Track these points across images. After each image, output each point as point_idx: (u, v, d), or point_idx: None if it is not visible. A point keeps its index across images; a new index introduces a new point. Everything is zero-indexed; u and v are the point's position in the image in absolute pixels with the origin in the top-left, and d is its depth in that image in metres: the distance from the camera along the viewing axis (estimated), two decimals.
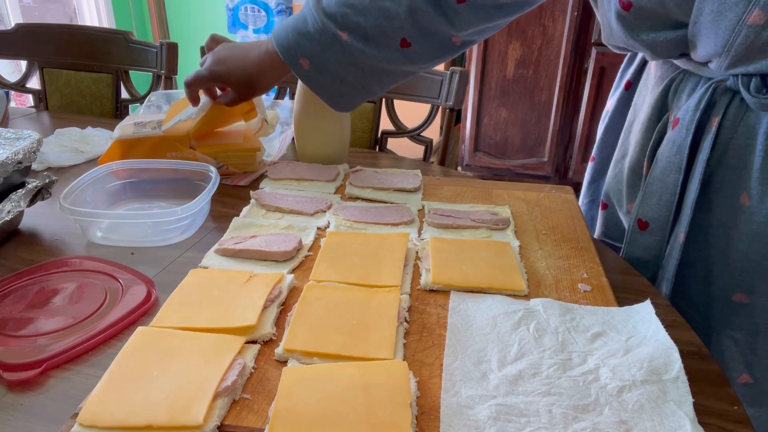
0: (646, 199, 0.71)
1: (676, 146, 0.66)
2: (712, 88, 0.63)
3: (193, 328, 0.55)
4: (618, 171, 0.80)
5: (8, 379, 0.51)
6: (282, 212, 0.81)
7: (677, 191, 0.67)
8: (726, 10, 0.56)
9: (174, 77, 1.47)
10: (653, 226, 0.71)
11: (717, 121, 0.63)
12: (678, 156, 0.66)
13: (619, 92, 0.83)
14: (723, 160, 0.65)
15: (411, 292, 0.64)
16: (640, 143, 0.74)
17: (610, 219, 0.83)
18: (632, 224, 0.73)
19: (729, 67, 0.60)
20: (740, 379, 0.70)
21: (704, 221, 0.68)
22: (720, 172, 0.65)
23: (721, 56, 0.59)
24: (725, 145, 0.64)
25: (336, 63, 0.75)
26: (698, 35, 0.60)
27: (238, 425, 0.46)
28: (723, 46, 0.58)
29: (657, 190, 0.69)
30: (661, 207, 0.69)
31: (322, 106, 0.96)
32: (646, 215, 0.71)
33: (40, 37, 1.52)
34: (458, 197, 0.87)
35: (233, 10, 3.34)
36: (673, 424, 0.45)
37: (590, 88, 2.52)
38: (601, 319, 0.58)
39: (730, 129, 0.63)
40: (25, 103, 2.61)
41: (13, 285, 0.64)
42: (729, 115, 0.63)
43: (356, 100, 0.81)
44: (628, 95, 0.81)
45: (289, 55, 0.75)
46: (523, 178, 2.79)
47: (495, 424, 0.45)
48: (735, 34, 0.57)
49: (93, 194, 0.81)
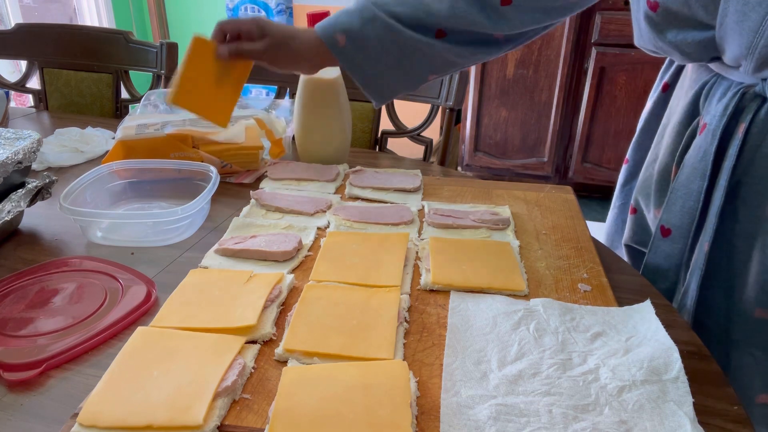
0: (670, 205, 0.69)
1: (702, 152, 0.65)
2: (740, 94, 0.62)
3: (193, 328, 0.55)
4: (648, 175, 0.78)
5: (8, 379, 0.51)
6: (282, 212, 0.81)
7: (701, 198, 0.66)
8: (749, 10, 0.55)
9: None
10: (675, 233, 0.69)
11: (744, 128, 0.62)
12: (703, 162, 0.65)
13: (656, 94, 0.81)
14: (750, 169, 0.63)
15: (411, 292, 0.64)
16: (670, 147, 0.72)
17: (639, 224, 0.81)
18: (656, 231, 0.71)
19: (756, 70, 0.59)
20: (758, 398, 0.68)
21: (729, 231, 0.66)
22: (746, 181, 0.63)
23: (747, 59, 0.58)
24: (753, 153, 0.62)
25: (374, 38, 0.72)
26: (725, 37, 0.59)
27: (238, 425, 0.46)
28: (747, 48, 0.57)
29: (681, 196, 0.68)
30: (684, 214, 0.68)
31: (322, 106, 0.96)
32: (669, 222, 0.69)
33: (40, 37, 1.52)
34: (458, 197, 0.87)
35: (233, 10, 3.34)
36: (673, 424, 0.45)
37: (590, 88, 2.52)
38: (601, 319, 0.58)
39: (757, 137, 0.62)
40: (25, 103, 2.61)
41: (13, 285, 0.64)
42: (757, 122, 0.61)
43: (392, 85, 0.77)
44: (665, 97, 0.80)
45: (326, 30, 0.73)
46: (523, 178, 2.79)
47: (495, 424, 0.45)
48: (759, 36, 0.56)
49: (93, 194, 0.81)
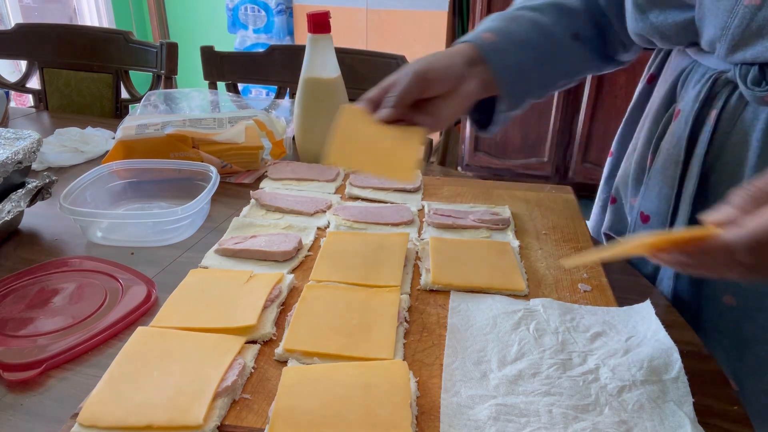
0: (647, 192, 0.70)
1: (676, 138, 0.66)
2: (712, 80, 0.63)
3: (193, 328, 0.55)
4: (628, 164, 0.79)
5: (8, 379, 0.51)
6: (282, 212, 0.81)
7: (675, 185, 0.67)
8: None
9: (174, 77, 1.47)
10: (654, 219, 0.70)
11: (715, 114, 0.62)
12: (677, 148, 0.66)
13: (642, 85, 0.82)
14: (721, 155, 0.64)
15: (411, 292, 0.64)
16: (646, 135, 0.73)
17: (618, 214, 0.82)
18: (635, 217, 0.73)
19: (728, 53, 0.59)
20: None
21: None
22: (717, 168, 0.64)
23: (720, 40, 0.59)
24: (723, 140, 0.63)
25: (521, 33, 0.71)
26: (703, 18, 0.60)
27: (238, 425, 0.46)
28: (722, 29, 0.58)
29: (657, 182, 0.69)
30: (661, 200, 0.69)
31: (322, 106, 0.96)
32: (648, 208, 0.71)
33: (40, 37, 1.52)
34: (458, 197, 0.87)
35: (233, 10, 3.34)
36: (673, 424, 0.45)
37: (590, 88, 2.52)
38: (601, 319, 0.58)
39: (728, 123, 0.62)
40: (25, 103, 2.61)
41: (13, 285, 0.64)
42: (728, 109, 0.62)
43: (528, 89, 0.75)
44: (649, 89, 0.80)
45: (470, 36, 0.72)
46: (523, 178, 2.79)
47: (495, 424, 0.45)
48: (732, 16, 0.56)
49: (93, 194, 0.81)
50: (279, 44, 1.57)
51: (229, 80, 1.43)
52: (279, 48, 1.39)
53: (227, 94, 1.30)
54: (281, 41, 3.28)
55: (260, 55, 1.40)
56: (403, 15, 3.10)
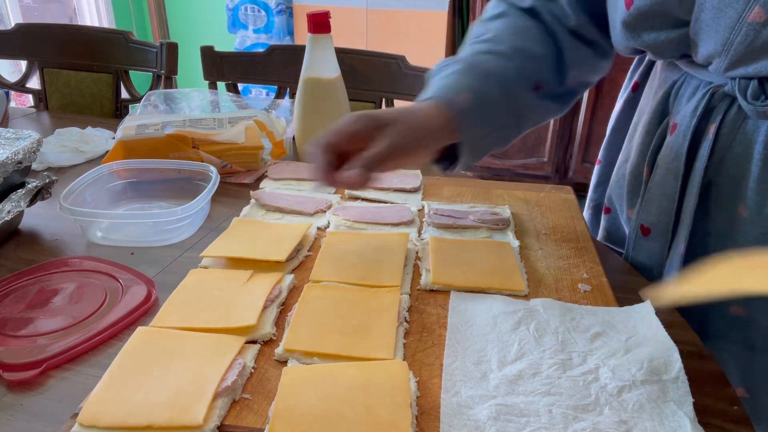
0: (646, 205, 0.70)
1: (674, 153, 0.65)
2: (710, 94, 0.62)
3: (193, 328, 0.55)
4: (620, 175, 0.79)
5: (8, 379, 0.51)
6: (282, 212, 0.81)
7: (676, 198, 0.66)
8: (726, 6, 0.55)
9: (174, 77, 1.47)
10: (655, 232, 0.70)
11: (714, 129, 0.62)
12: (675, 163, 0.65)
13: (626, 94, 0.82)
14: (721, 169, 0.63)
15: (411, 292, 0.64)
16: (640, 148, 0.73)
17: (613, 223, 0.82)
18: (635, 230, 0.72)
19: (728, 68, 0.59)
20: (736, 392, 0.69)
21: (702, 231, 0.66)
22: (718, 181, 0.64)
23: (720, 56, 0.58)
24: (723, 153, 0.63)
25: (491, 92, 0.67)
26: (699, 33, 0.59)
27: (238, 425, 0.46)
28: (723, 45, 0.57)
29: (657, 197, 0.68)
30: (661, 213, 0.68)
31: (322, 105, 0.96)
32: (648, 221, 0.70)
33: (40, 37, 1.52)
34: (458, 197, 0.87)
35: (233, 10, 3.34)
36: (673, 424, 0.45)
37: (590, 88, 2.51)
38: (601, 319, 0.58)
39: (727, 137, 0.62)
40: (25, 103, 2.61)
41: (13, 285, 0.64)
42: (727, 123, 0.61)
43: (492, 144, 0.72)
44: (634, 97, 0.80)
45: (442, 92, 0.66)
46: (523, 178, 2.79)
47: (495, 424, 0.45)
48: (735, 32, 0.55)
49: (93, 194, 0.81)
50: (279, 44, 1.57)
51: (229, 80, 1.43)
52: (279, 48, 1.39)
53: (227, 94, 1.30)
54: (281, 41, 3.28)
55: (260, 55, 1.40)
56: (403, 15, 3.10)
